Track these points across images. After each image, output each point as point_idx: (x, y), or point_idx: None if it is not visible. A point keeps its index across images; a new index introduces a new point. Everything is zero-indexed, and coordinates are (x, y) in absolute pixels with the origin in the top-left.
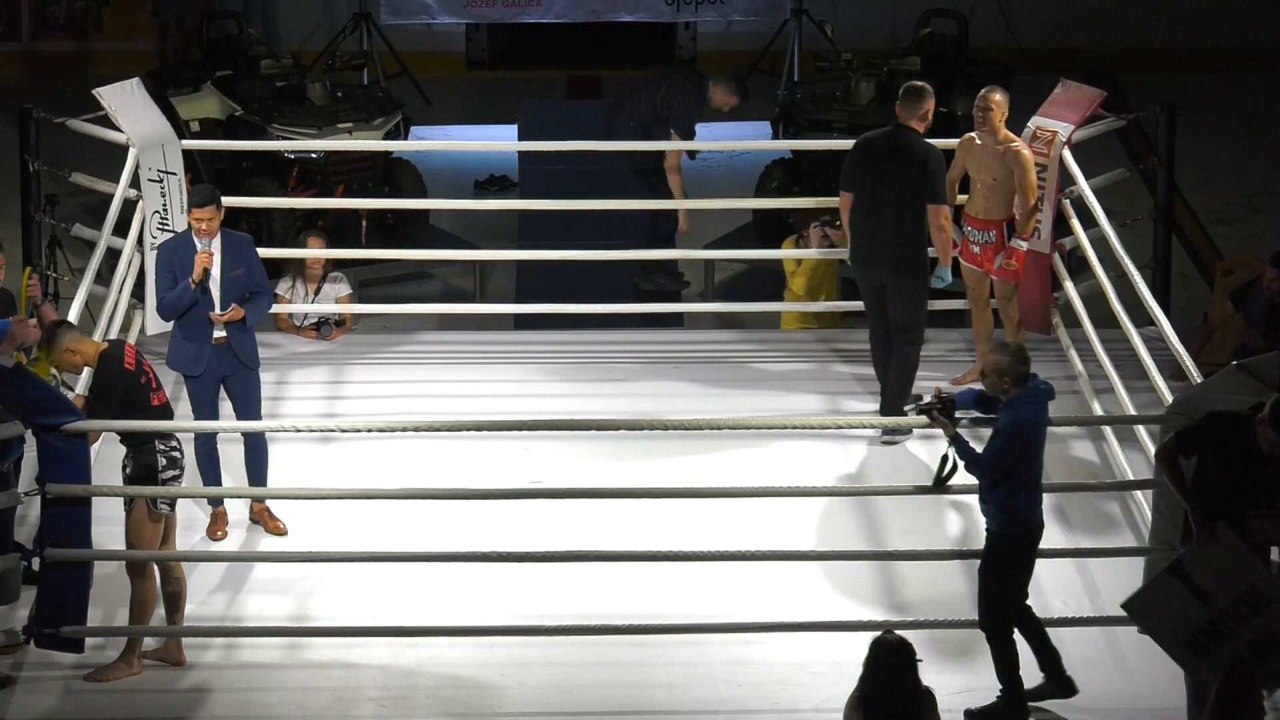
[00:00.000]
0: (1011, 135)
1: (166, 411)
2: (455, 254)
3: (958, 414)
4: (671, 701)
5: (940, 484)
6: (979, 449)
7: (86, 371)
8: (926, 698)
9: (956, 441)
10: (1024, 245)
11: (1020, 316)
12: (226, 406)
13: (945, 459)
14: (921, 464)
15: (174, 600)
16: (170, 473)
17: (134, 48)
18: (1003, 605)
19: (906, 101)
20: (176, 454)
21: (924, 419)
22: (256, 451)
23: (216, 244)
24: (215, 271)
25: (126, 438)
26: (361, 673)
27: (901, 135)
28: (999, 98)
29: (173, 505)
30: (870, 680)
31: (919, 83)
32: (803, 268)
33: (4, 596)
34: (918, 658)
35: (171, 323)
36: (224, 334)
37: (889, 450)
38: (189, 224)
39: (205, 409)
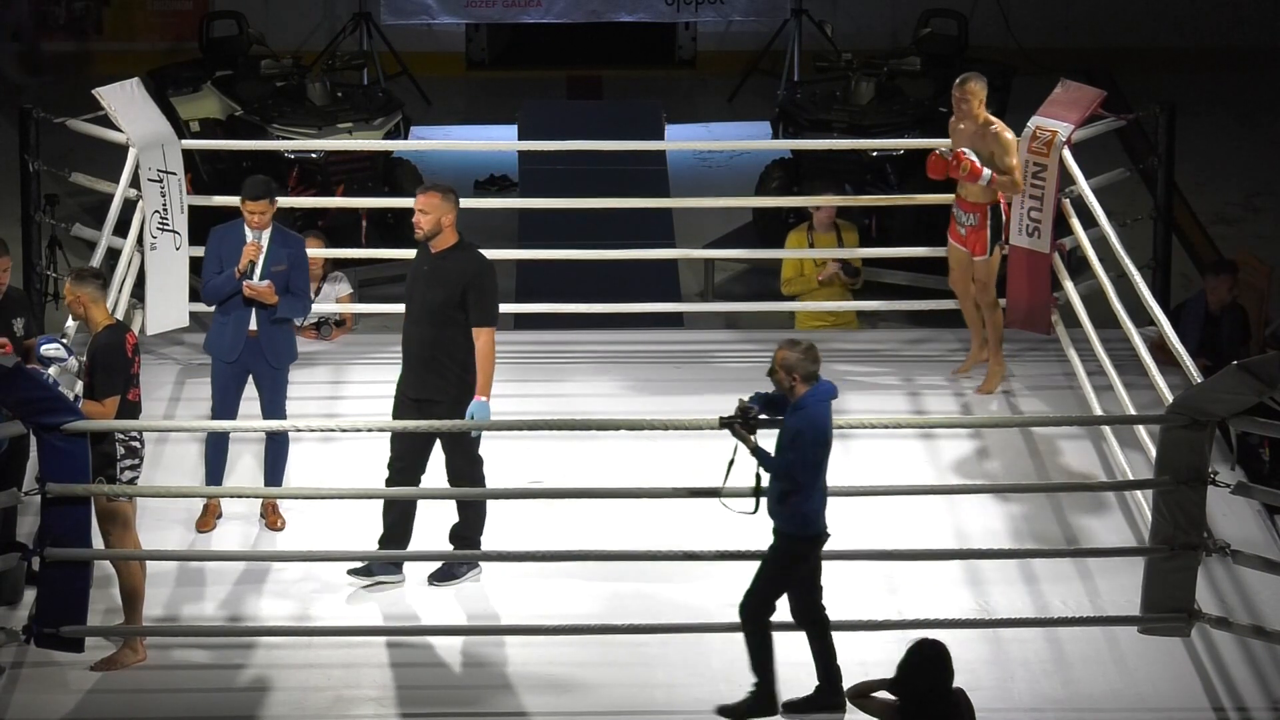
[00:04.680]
0: (992, 118)
1: (137, 409)
2: None
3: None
4: (671, 701)
5: (760, 503)
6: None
7: (71, 325)
8: (961, 699)
9: (758, 454)
10: (987, 175)
11: (1017, 316)
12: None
13: (731, 466)
14: (923, 465)
15: (130, 598)
16: (128, 462)
17: (134, 48)
18: (769, 606)
19: None
20: (136, 444)
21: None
22: (276, 446)
23: (265, 237)
24: (259, 263)
25: None
26: (361, 673)
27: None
28: (974, 85)
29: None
30: (908, 685)
31: None
32: (805, 277)
33: (5, 596)
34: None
35: (174, 323)
36: (255, 328)
37: (889, 450)
38: (241, 214)
39: (227, 395)
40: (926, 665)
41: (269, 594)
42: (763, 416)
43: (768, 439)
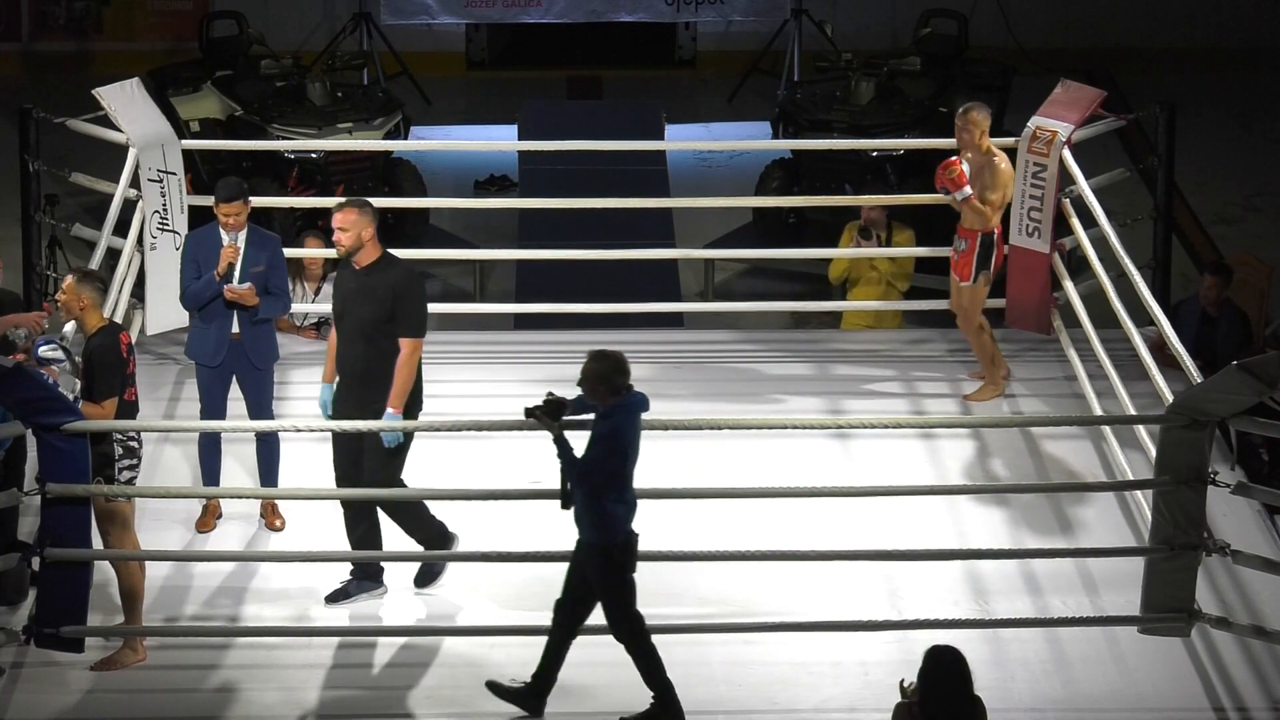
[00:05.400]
0: (995, 149)
1: (133, 408)
2: (455, 254)
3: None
4: None
5: (567, 499)
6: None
7: (70, 326)
8: (979, 707)
9: (560, 444)
10: (966, 192)
11: (1017, 316)
12: (237, 406)
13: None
14: (923, 465)
15: (130, 598)
16: (126, 462)
17: (134, 48)
18: (632, 612)
19: None
20: (134, 444)
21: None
22: (268, 447)
23: (242, 238)
24: (237, 265)
25: None
26: (361, 673)
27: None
28: (976, 115)
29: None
30: (926, 690)
31: None
32: (857, 275)
33: (7, 596)
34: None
35: (174, 322)
36: (238, 330)
37: (889, 450)
38: (216, 217)
39: (214, 399)
40: (942, 671)
41: (269, 594)
42: (573, 416)
43: None
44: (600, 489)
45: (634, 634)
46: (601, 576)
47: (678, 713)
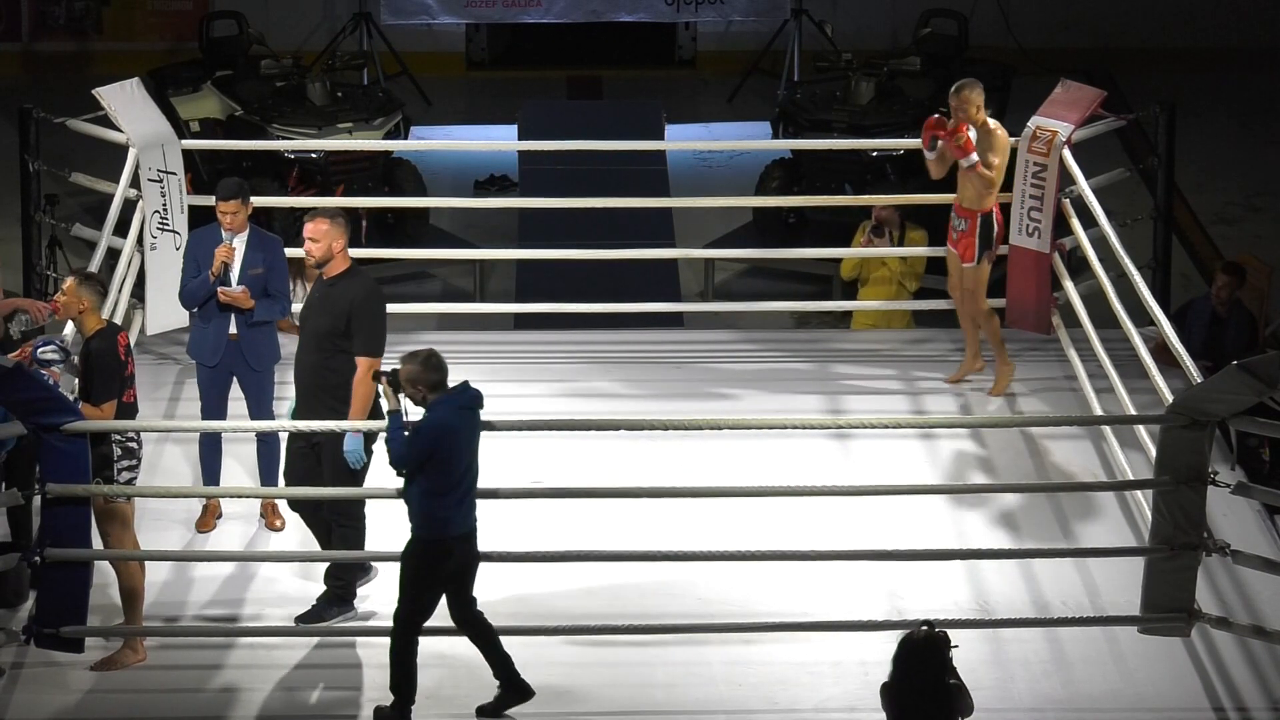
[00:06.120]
0: (990, 120)
1: (133, 409)
2: (455, 254)
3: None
4: (671, 701)
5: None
6: None
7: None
8: (955, 691)
9: (393, 416)
10: (973, 159)
11: (1017, 316)
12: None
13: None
14: (923, 465)
15: (130, 598)
16: (125, 463)
17: (134, 48)
18: (416, 611)
19: None
20: (133, 444)
21: None
22: (268, 447)
23: (242, 240)
24: (235, 266)
25: None
26: (361, 673)
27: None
28: (969, 93)
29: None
30: (898, 673)
31: None
32: (868, 273)
33: (7, 599)
34: (953, 645)
35: (174, 322)
36: (235, 331)
37: (889, 450)
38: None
39: (213, 399)
40: (911, 656)
41: (269, 594)
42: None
43: None
44: (415, 479)
45: (404, 630)
46: (403, 562)
47: (405, 716)
